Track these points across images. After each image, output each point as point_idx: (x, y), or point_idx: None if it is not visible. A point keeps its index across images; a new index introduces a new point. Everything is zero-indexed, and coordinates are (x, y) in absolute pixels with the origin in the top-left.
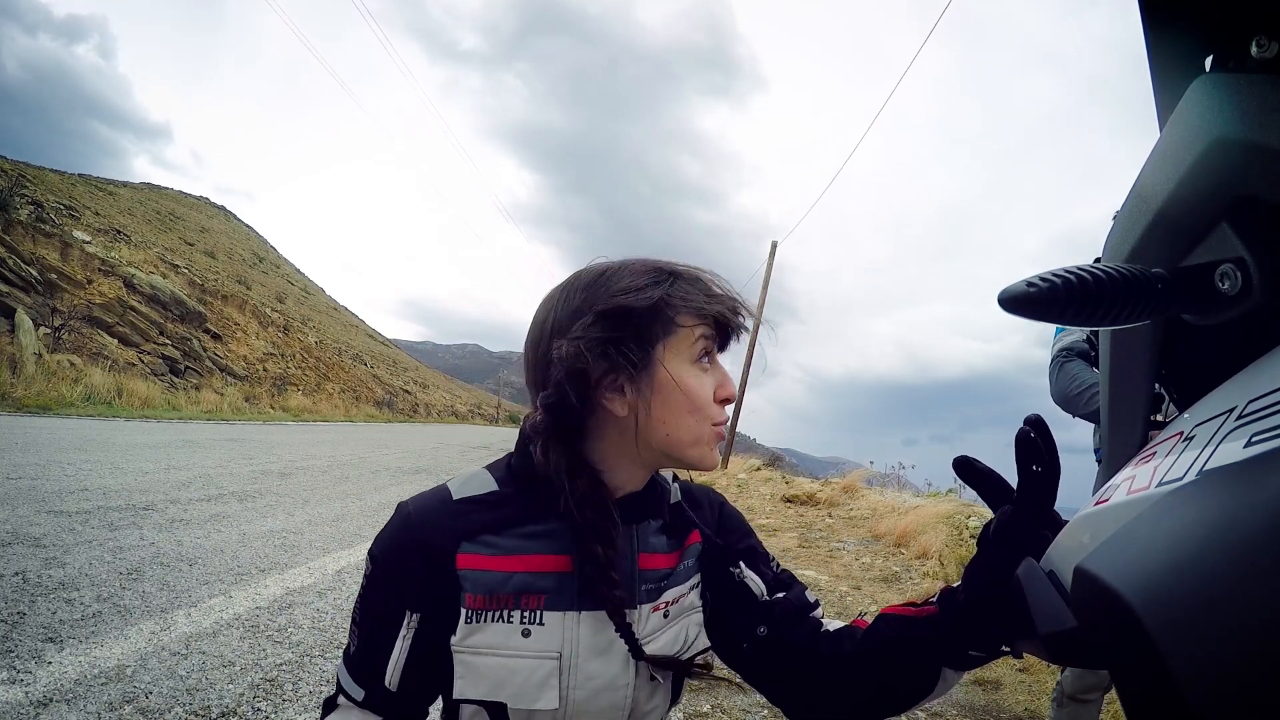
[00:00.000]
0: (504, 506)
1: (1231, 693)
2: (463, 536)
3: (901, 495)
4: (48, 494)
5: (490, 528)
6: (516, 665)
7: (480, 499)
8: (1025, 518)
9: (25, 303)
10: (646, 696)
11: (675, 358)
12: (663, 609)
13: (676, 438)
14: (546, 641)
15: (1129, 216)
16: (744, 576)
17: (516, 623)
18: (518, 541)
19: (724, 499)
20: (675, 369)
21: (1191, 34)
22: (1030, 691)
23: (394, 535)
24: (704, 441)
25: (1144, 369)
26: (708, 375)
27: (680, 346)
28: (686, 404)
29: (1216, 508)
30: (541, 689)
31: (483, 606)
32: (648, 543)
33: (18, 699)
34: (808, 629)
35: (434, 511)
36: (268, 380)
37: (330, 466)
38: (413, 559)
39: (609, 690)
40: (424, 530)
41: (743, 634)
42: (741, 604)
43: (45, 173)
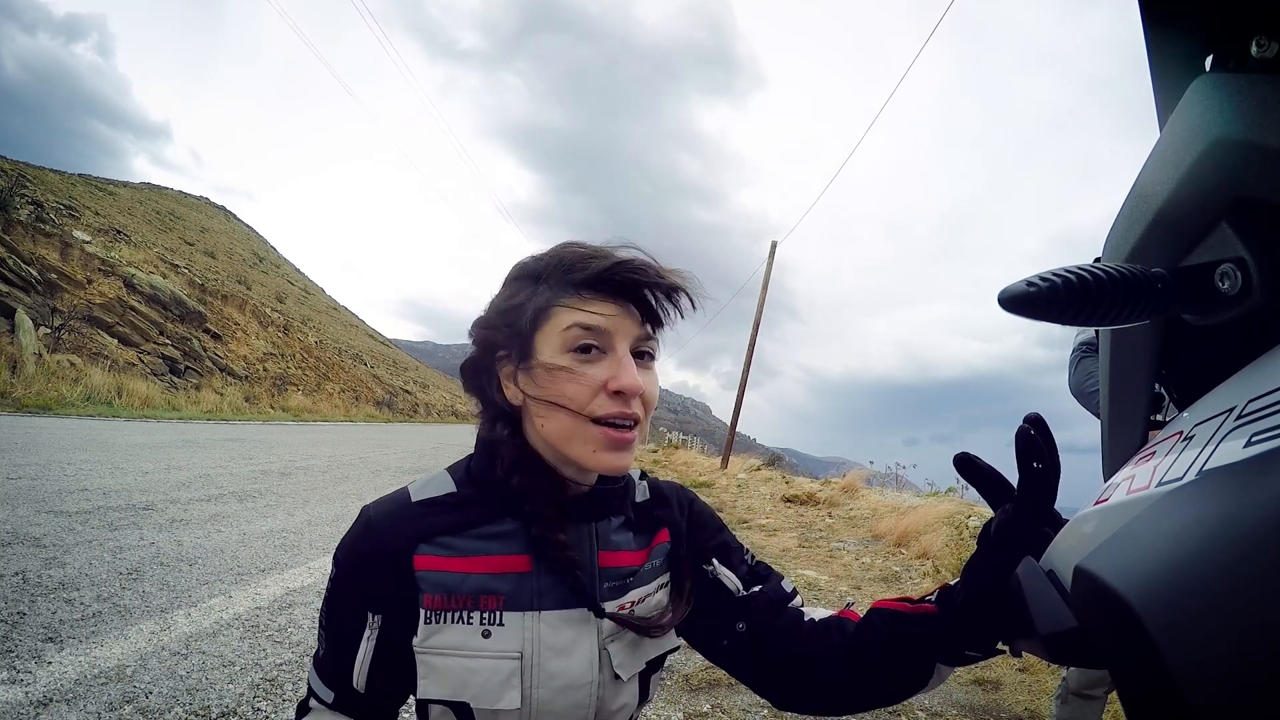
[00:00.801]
0: (462, 508)
1: (1232, 692)
2: (420, 538)
3: (901, 495)
4: (48, 494)
5: (448, 529)
6: (478, 665)
7: (439, 501)
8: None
9: (25, 303)
10: (613, 695)
11: (548, 347)
12: (627, 609)
13: (552, 432)
14: (507, 642)
15: (1129, 216)
16: (717, 574)
17: (476, 624)
18: (475, 543)
19: (695, 496)
20: (548, 358)
21: (1191, 34)
22: (1030, 691)
23: (355, 539)
24: (583, 438)
25: (1144, 369)
26: (591, 365)
27: (551, 335)
28: (551, 395)
29: (1216, 507)
30: (504, 689)
31: (441, 607)
32: (609, 540)
33: (18, 699)
34: (788, 620)
35: (393, 514)
36: (268, 380)
37: (330, 466)
38: (372, 561)
39: (572, 689)
40: (382, 533)
41: (722, 631)
42: (717, 602)
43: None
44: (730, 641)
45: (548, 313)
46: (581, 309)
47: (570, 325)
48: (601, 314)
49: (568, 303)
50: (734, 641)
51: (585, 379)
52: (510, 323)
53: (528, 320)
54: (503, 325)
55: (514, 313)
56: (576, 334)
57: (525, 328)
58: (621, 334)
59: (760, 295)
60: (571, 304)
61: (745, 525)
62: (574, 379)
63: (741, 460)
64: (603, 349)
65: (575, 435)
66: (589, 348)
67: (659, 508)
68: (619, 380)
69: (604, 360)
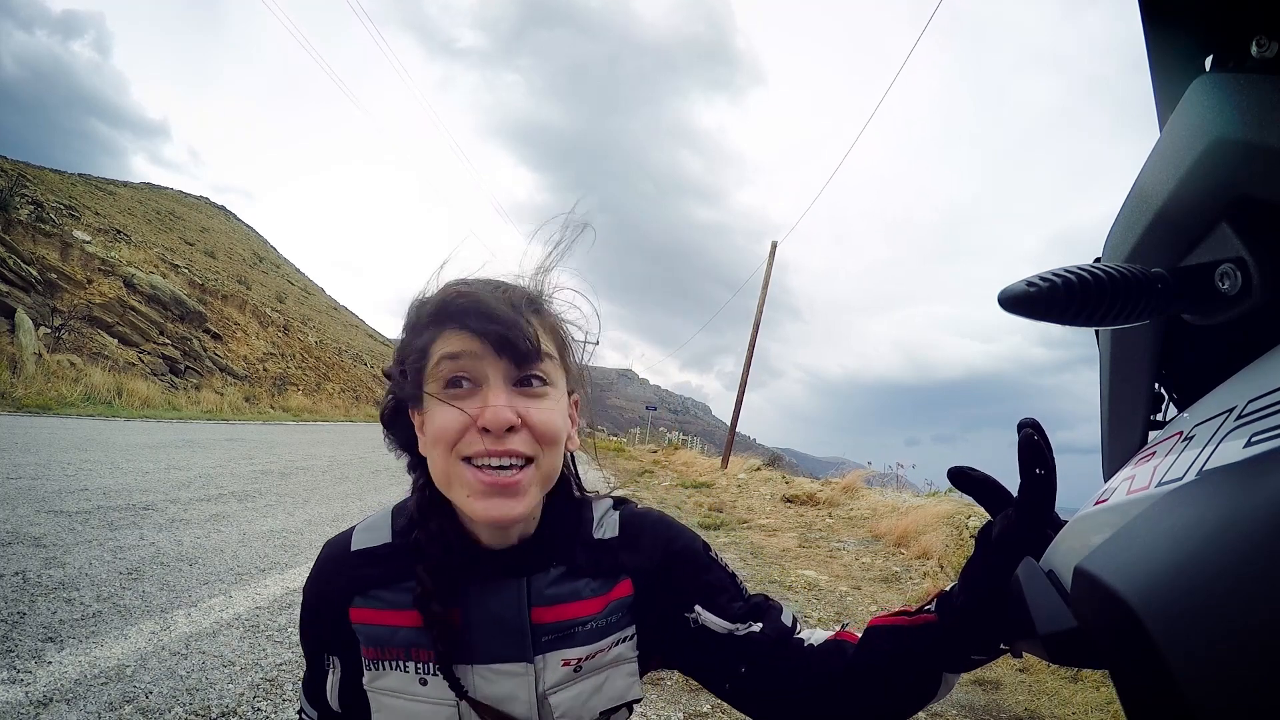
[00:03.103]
0: (394, 560)
1: (1231, 692)
2: (355, 591)
3: (901, 495)
4: (48, 494)
5: (380, 582)
6: (418, 710)
7: (373, 552)
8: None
9: (25, 303)
10: None
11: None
12: (573, 664)
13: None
14: (443, 691)
15: (1129, 216)
16: (700, 619)
17: (412, 673)
18: (405, 596)
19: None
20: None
21: (1191, 34)
22: (1030, 691)
23: (309, 583)
24: (459, 482)
25: (1144, 369)
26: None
27: (430, 375)
28: (429, 436)
29: (1216, 508)
30: None
31: (377, 657)
32: (543, 595)
33: (18, 699)
34: (790, 655)
35: (333, 564)
36: (268, 380)
37: (330, 466)
38: (320, 609)
39: None
40: (324, 584)
41: (723, 675)
42: (708, 644)
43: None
44: (733, 685)
45: (427, 351)
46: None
47: (439, 359)
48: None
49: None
50: (736, 685)
51: (451, 413)
52: (403, 370)
53: (414, 364)
54: (399, 374)
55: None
56: (446, 367)
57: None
58: (494, 360)
59: (760, 295)
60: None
61: (745, 525)
62: (442, 413)
63: (742, 460)
64: (475, 381)
65: (452, 479)
66: (459, 380)
67: (625, 549)
68: (483, 415)
69: (476, 394)
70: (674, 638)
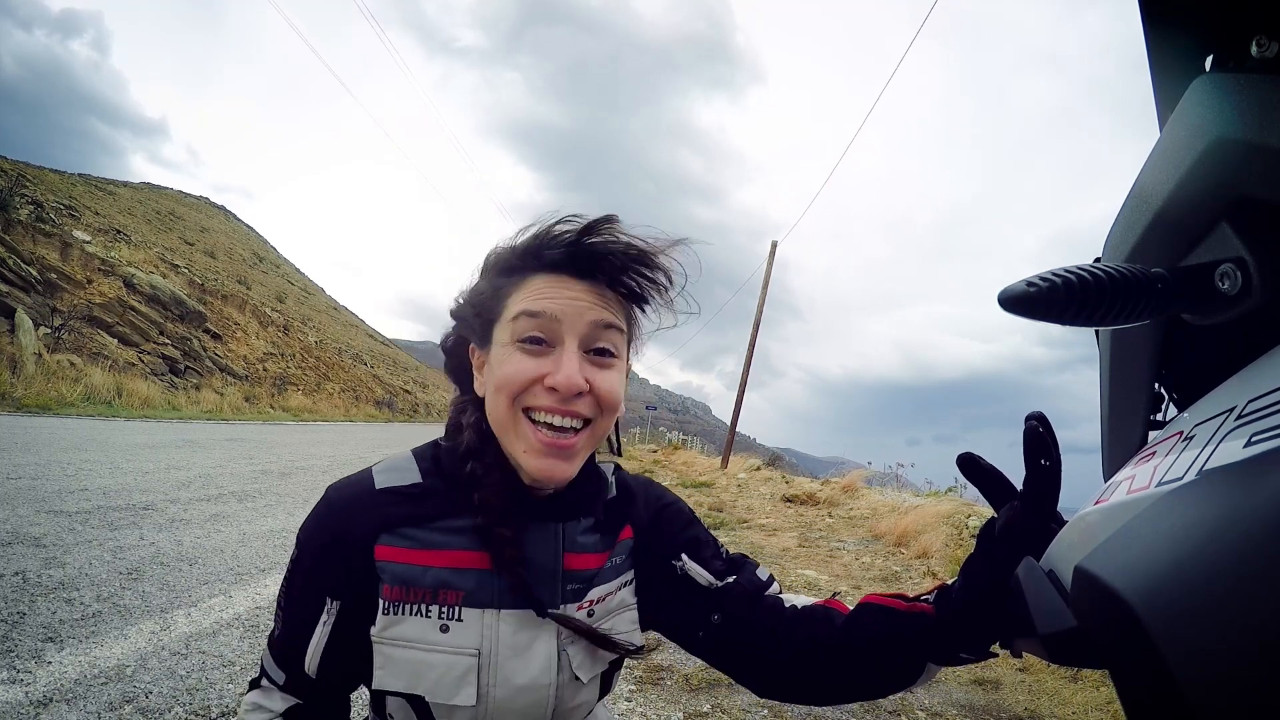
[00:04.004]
0: (426, 500)
1: (1231, 692)
2: (381, 528)
3: (901, 495)
4: (48, 494)
5: (410, 520)
6: (434, 660)
7: (402, 491)
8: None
9: (25, 303)
10: (572, 694)
11: (500, 337)
12: (587, 608)
13: (494, 421)
14: (465, 638)
15: (1129, 216)
16: (686, 569)
17: (435, 618)
18: (438, 536)
19: (664, 491)
20: (498, 348)
21: (1191, 34)
22: (1030, 691)
23: (317, 521)
24: (516, 433)
25: (1144, 369)
26: (531, 359)
27: (504, 326)
28: (494, 383)
29: (1216, 508)
30: (459, 685)
31: (400, 598)
32: (575, 542)
33: (18, 699)
34: (766, 608)
35: (355, 500)
36: (268, 380)
37: (330, 466)
38: (333, 548)
39: (530, 690)
40: (344, 519)
41: (697, 623)
42: (689, 595)
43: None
44: (706, 633)
45: (504, 301)
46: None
47: (518, 314)
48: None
49: (521, 288)
50: (709, 633)
51: (523, 365)
52: (477, 312)
53: (487, 308)
54: (471, 315)
55: (479, 301)
56: (524, 324)
57: (486, 316)
58: (571, 325)
59: (760, 295)
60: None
61: (745, 525)
62: (512, 363)
63: (741, 460)
64: (550, 342)
65: (510, 428)
66: (535, 340)
67: (624, 504)
68: (554, 376)
69: (550, 355)
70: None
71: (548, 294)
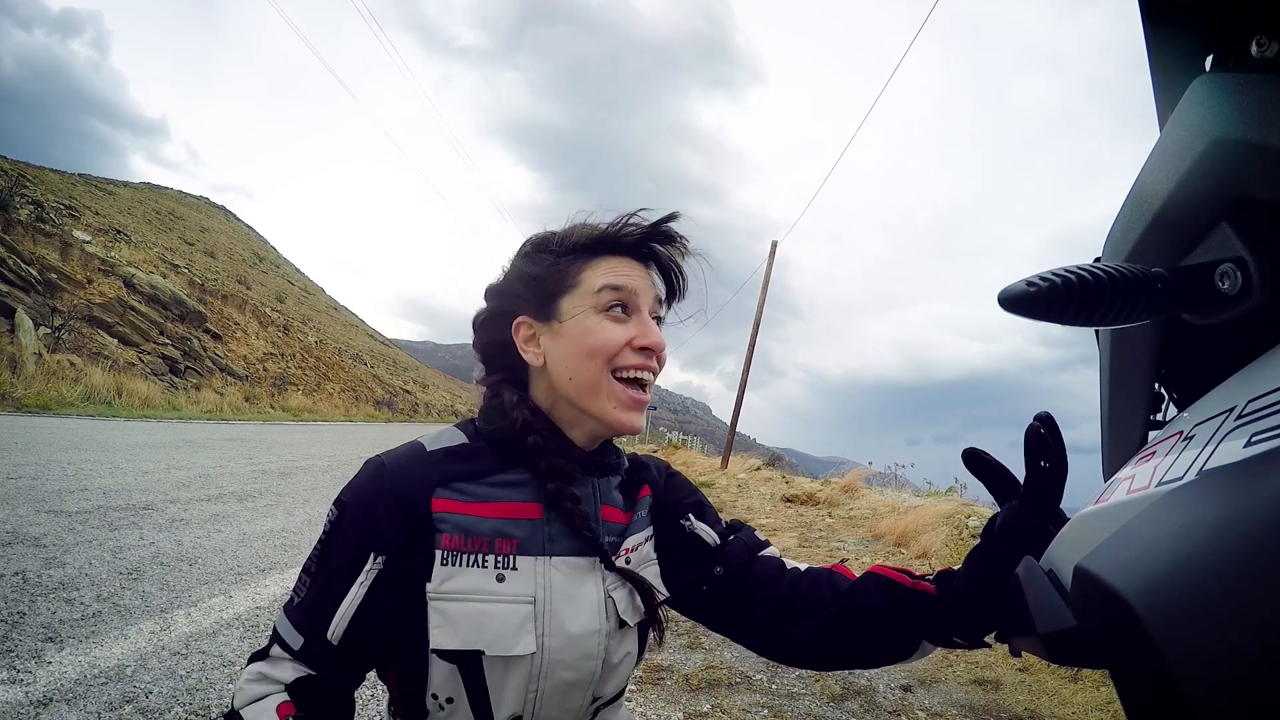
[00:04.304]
0: (476, 458)
1: (1231, 692)
2: (437, 483)
3: (901, 495)
4: (48, 494)
5: (463, 477)
6: (493, 610)
7: (453, 450)
8: (1031, 512)
9: (25, 303)
10: (617, 644)
11: (578, 308)
12: (624, 557)
13: (578, 384)
14: (520, 586)
15: (1129, 216)
16: (694, 528)
17: (491, 567)
18: (490, 490)
19: (670, 465)
20: (577, 318)
21: (1191, 34)
22: (1030, 691)
23: (367, 482)
24: (604, 393)
25: (1144, 369)
26: (619, 325)
27: (583, 297)
28: (583, 349)
29: (1216, 508)
30: (518, 634)
31: (458, 548)
32: (610, 496)
33: (18, 699)
34: (765, 564)
35: (409, 460)
36: (268, 380)
37: (330, 466)
38: (385, 503)
39: (583, 638)
40: (399, 477)
41: (701, 578)
42: (695, 552)
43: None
44: (710, 586)
45: (577, 277)
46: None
47: (602, 287)
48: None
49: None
50: (713, 586)
51: (617, 333)
52: (533, 287)
53: (553, 284)
54: (523, 290)
55: (537, 278)
56: (608, 296)
57: (551, 291)
58: (645, 296)
59: (760, 295)
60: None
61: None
62: (606, 332)
63: (742, 460)
64: (628, 310)
65: (601, 389)
66: (619, 306)
67: (639, 470)
68: (646, 337)
69: (630, 321)
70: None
71: (624, 271)
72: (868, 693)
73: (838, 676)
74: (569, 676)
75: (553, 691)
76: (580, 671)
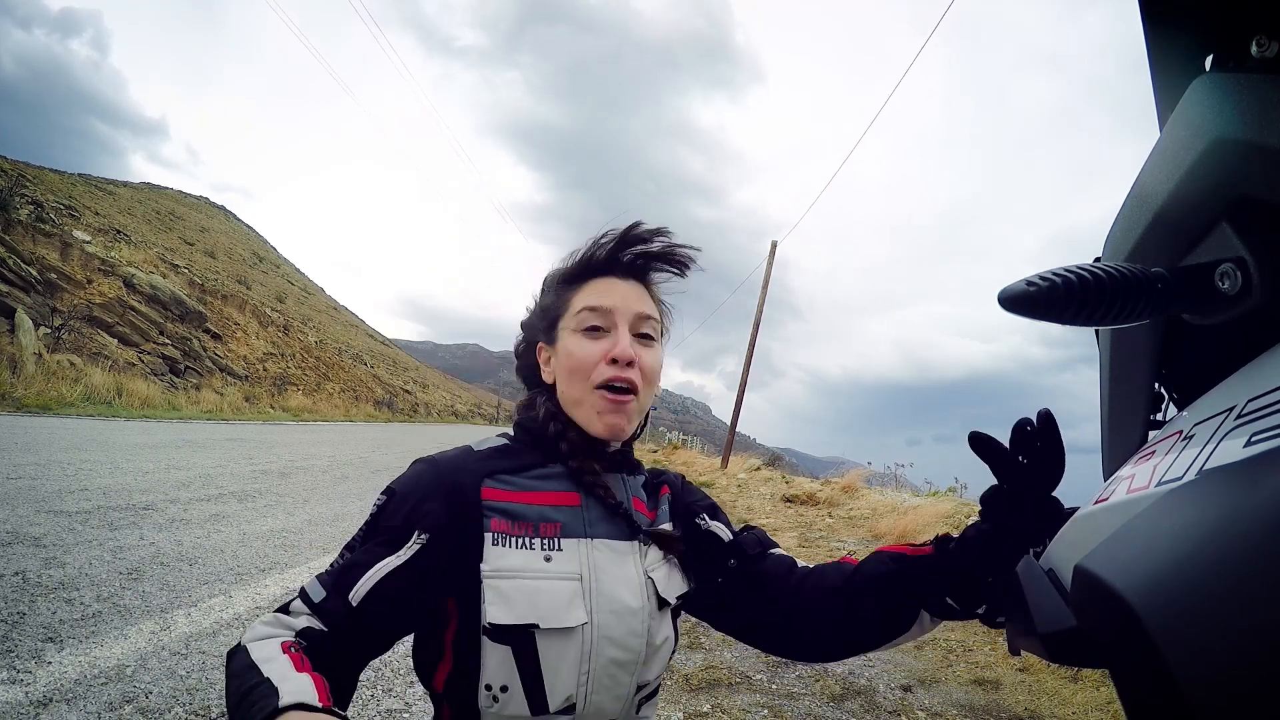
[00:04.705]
0: (519, 455)
1: (1231, 691)
2: (486, 475)
3: (901, 495)
4: (48, 494)
5: (508, 470)
6: (545, 586)
7: (498, 448)
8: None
9: (25, 303)
10: (658, 626)
11: (566, 329)
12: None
13: (567, 398)
14: (567, 565)
15: (1129, 216)
16: (709, 526)
17: (538, 549)
18: (533, 481)
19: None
20: (564, 340)
21: (1191, 34)
22: (1030, 691)
23: (419, 474)
24: (587, 404)
25: (1144, 368)
26: (595, 342)
27: (569, 321)
28: (567, 368)
29: (1216, 507)
30: (570, 607)
31: (507, 531)
32: (636, 489)
33: (18, 699)
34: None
35: (460, 458)
36: (268, 380)
37: (330, 466)
38: (436, 491)
39: (629, 615)
40: (451, 471)
41: (715, 571)
42: (709, 548)
43: (45, 172)
44: (725, 578)
45: (568, 302)
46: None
47: (580, 309)
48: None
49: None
50: (728, 577)
51: (591, 350)
52: (543, 315)
53: (555, 311)
54: (538, 319)
55: (546, 308)
56: (585, 316)
57: (554, 317)
58: (623, 314)
59: (760, 295)
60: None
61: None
62: (582, 350)
63: (741, 460)
64: (605, 329)
65: (584, 400)
66: (595, 328)
67: (658, 475)
68: (614, 349)
69: (607, 337)
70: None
71: (601, 291)
72: (868, 693)
73: (838, 676)
74: (617, 655)
75: (602, 673)
76: (627, 650)
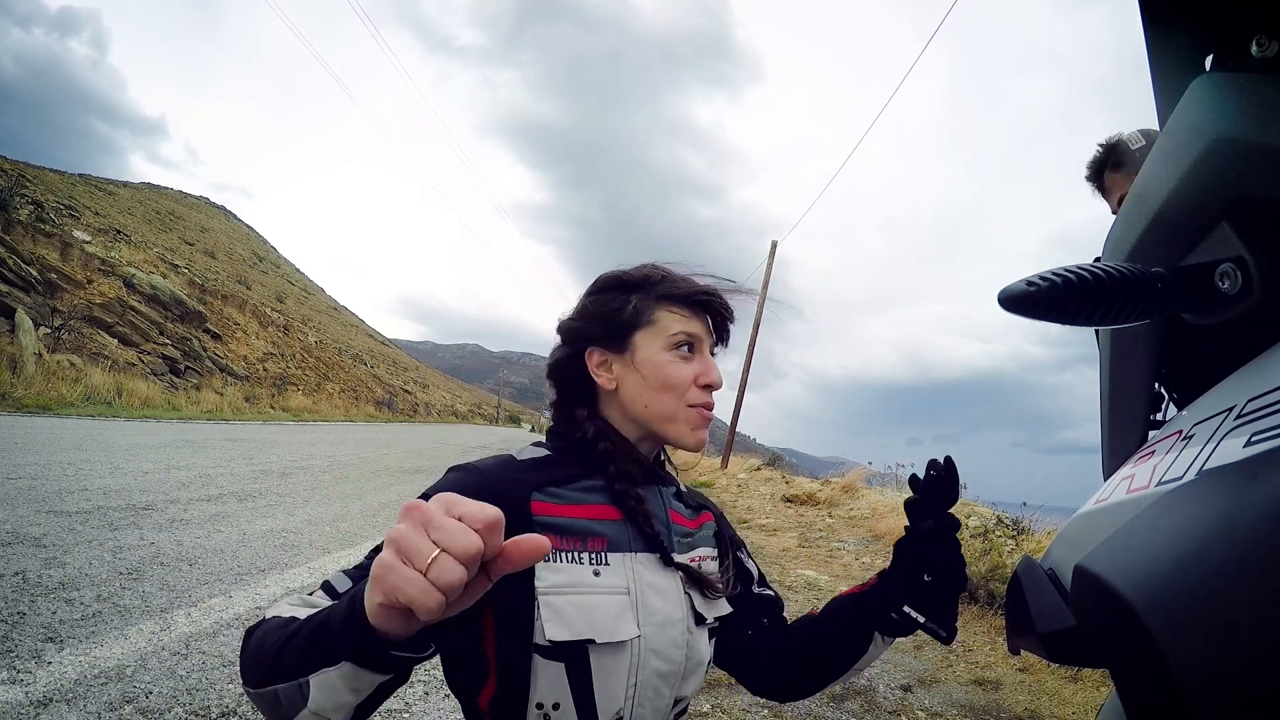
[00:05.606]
0: (561, 467)
1: (1231, 691)
2: (533, 488)
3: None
4: (48, 494)
5: (554, 482)
6: (596, 601)
7: (541, 460)
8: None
9: (25, 303)
10: (696, 641)
11: (651, 345)
12: (696, 562)
13: (654, 412)
14: (615, 579)
15: (1129, 216)
16: (746, 564)
17: (587, 564)
18: (578, 494)
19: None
20: (650, 354)
21: (1191, 34)
22: (1030, 691)
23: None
24: (680, 420)
25: (1144, 368)
26: (687, 363)
27: (655, 336)
28: (659, 383)
29: (1216, 507)
30: (620, 620)
31: (557, 546)
32: (674, 502)
33: (18, 699)
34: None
35: (505, 468)
36: (268, 380)
37: (330, 466)
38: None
39: (670, 626)
40: (498, 483)
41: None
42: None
43: (45, 172)
44: (755, 632)
45: (651, 317)
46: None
47: (678, 331)
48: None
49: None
50: (758, 634)
51: (686, 371)
52: (606, 322)
53: (627, 320)
54: (597, 323)
55: (610, 314)
56: (682, 338)
57: (625, 325)
58: (706, 340)
59: (760, 295)
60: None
61: (745, 525)
62: (679, 370)
63: (741, 460)
64: (694, 350)
65: (678, 415)
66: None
67: (697, 496)
68: (708, 376)
69: (694, 360)
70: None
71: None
72: (868, 693)
73: None
74: (661, 667)
75: (647, 685)
76: (670, 662)
